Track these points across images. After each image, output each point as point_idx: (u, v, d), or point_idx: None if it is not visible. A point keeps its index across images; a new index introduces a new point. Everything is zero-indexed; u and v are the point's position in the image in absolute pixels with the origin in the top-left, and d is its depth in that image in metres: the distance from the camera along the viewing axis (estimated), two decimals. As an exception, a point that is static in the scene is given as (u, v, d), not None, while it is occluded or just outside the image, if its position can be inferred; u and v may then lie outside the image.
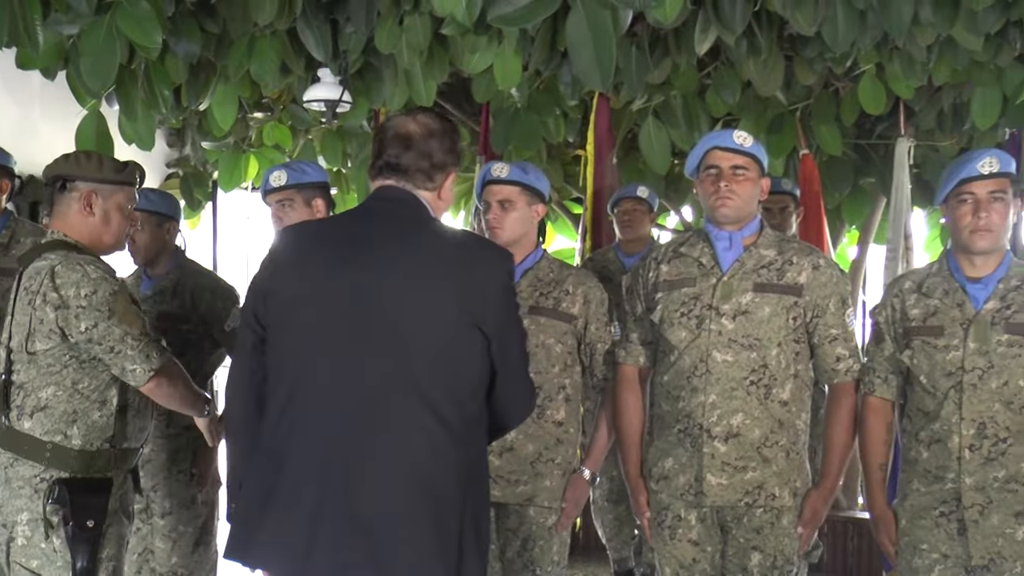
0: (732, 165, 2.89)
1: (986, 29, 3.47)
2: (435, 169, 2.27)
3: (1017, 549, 2.71)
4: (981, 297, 2.78)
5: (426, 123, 2.28)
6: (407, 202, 2.25)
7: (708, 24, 3.46)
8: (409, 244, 2.20)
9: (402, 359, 2.12)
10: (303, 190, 3.28)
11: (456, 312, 2.14)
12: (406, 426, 2.12)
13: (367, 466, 2.11)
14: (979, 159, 2.74)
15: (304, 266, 2.22)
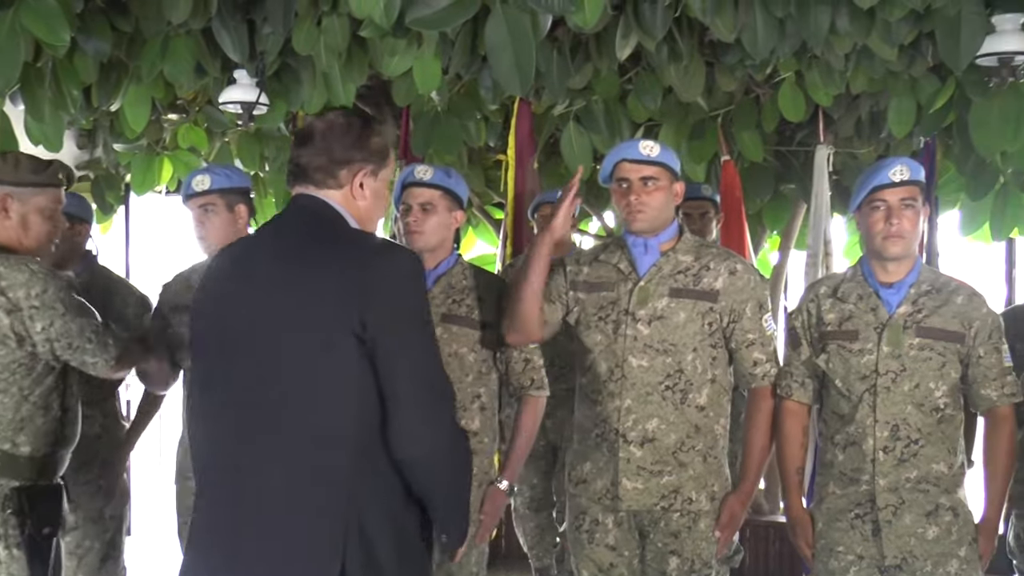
0: (641, 176, 2.94)
1: (900, 40, 3.57)
2: (336, 165, 2.20)
3: (928, 548, 2.81)
4: (894, 302, 2.87)
5: (331, 119, 2.24)
6: (309, 208, 2.20)
7: (629, 30, 3.52)
8: (297, 257, 2.12)
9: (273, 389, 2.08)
10: (226, 195, 3.26)
11: (324, 321, 2.05)
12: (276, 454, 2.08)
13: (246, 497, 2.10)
14: (890, 167, 2.83)
15: (214, 284, 2.24)
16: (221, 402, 2.15)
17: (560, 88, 3.87)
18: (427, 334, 2.17)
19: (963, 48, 3.40)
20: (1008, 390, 2.89)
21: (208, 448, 2.19)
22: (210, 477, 2.18)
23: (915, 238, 2.87)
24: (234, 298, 2.16)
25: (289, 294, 2.08)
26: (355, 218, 2.23)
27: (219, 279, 2.24)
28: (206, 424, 2.21)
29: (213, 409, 2.18)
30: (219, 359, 2.16)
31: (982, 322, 2.87)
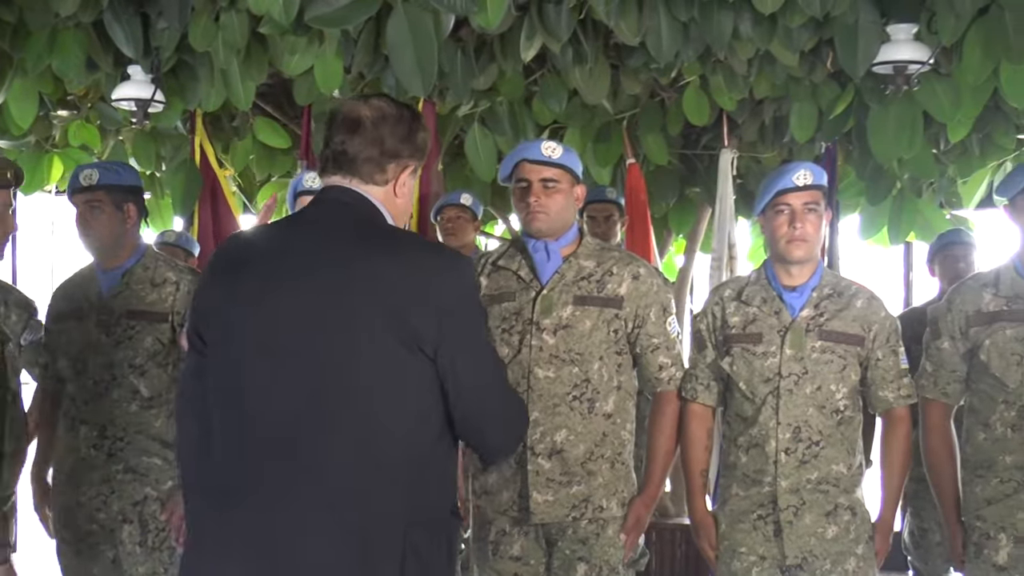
0: (542, 178, 2.94)
1: (801, 46, 3.66)
2: (386, 158, 2.06)
3: (827, 547, 2.87)
4: (796, 305, 2.93)
5: (379, 107, 2.08)
6: (351, 206, 2.07)
7: (533, 31, 3.53)
8: (341, 258, 2.01)
9: (320, 392, 1.97)
10: (114, 193, 3.14)
11: (384, 335, 1.96)
12: (326, 465, 1.97)
13: (290, 511, 1.97)
14: (794, 171, 2.88)
15: (234, 284, 2.06)
16: (258, 411, 2.00)
17: (464, 89, 3.87)
18: (487, 340, 2.18)
19: (860, 56, 3.50)
20: (904, 392, 2.97)
21: (236, 453, 2.01)
22: (234, 486, 2.01)
23: (818, 242, 2.93)
24: (278, 300, 2.00)
25: (351, 300, 1.97)
26: (391, 216, 2.12)
27: (247, 278, 2.05)
28: (232, 429, 2.03)
29: (244, 417, 2.01)
30: (256, 365, 2.00)
31: (880, 325, 2.94)
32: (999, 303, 2.98)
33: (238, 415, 2.02)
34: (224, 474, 2.03)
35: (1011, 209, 3.00)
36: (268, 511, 1.98)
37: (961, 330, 3.02)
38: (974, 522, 3.01)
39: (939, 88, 3.94)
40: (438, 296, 1.99)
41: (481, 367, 2.08)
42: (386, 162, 2.07)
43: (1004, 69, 3.62)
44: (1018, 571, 2.93)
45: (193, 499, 2.13)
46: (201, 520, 2.08)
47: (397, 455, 1.98)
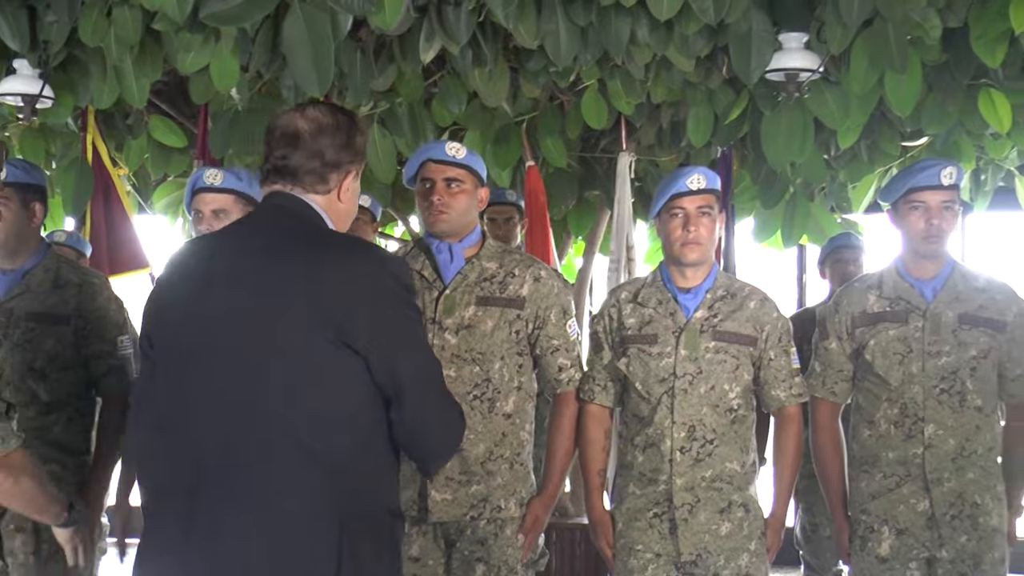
0: (446, 177, 2.96)
1: (696, 52, 3.73)
2: (328, 168, 2.08)
3: (721, 543, 2.94)
4: (691, 306, 2.99)
5: (316, 118, 2.10)
6: (290, 210, 2.09)
7: (432, 33, 3.54)
8: (274, 259, 2.03)
9: (253, 391, 1.98)
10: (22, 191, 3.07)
11: (312, 332, 1.97)
12: (261, 465, 1.97)
13: (229, 511, 1.97)
14: (688, 176, 2.94)
15: (177, 288, 2.10)
16: (198, 411, 2.01)
17: (363, 90, 3.85)
18: (423, 339, 2.16)
19: (754, 63, 3.58)
20: (796, 391, 3.06)
21: (180, 455, 2.01)
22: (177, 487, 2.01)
23: (711, 245, 3.00)
24: (214, 303, 2.02)
25: (280, 300, 1.98)
26: (332, 220, 2.13)
27: (189, 283, 2.08)
28: (176, 431, 2.03)
29: (186, 417, 2.02)
30: (196, 366, 2.02)
31: (772, 326, 3.02)
32: (883, 304, 3.09)
33: (181, 417, 2.02)
34: (170, 476, 2.03)
35: (893, 214, 3.12)
36: (209, 512, 1.98)
37: (847, 330, 3.13)
38: (859, 516, 3.12)
39: (829, 95, 4.06)
40: (369, 294, 2.00)
41: (418, 367, 2.07)
42: (328, 172, 2.09)
43: (889, 78, 3.74)
44: (899, 562, 3.04)
45: (147, 502, 2.11)
46: (152, 522, 2.07)
47: (331, 454, 1.98)
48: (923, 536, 3.03)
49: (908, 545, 3.04)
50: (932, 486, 3.02)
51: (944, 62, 3.92)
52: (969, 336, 3.03)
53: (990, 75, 4.01)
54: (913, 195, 3.02)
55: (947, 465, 3.02)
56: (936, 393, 3.02)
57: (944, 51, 3.82)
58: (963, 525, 3.02)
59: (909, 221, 3.05)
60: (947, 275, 3.09)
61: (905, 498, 3.04)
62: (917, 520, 3.03)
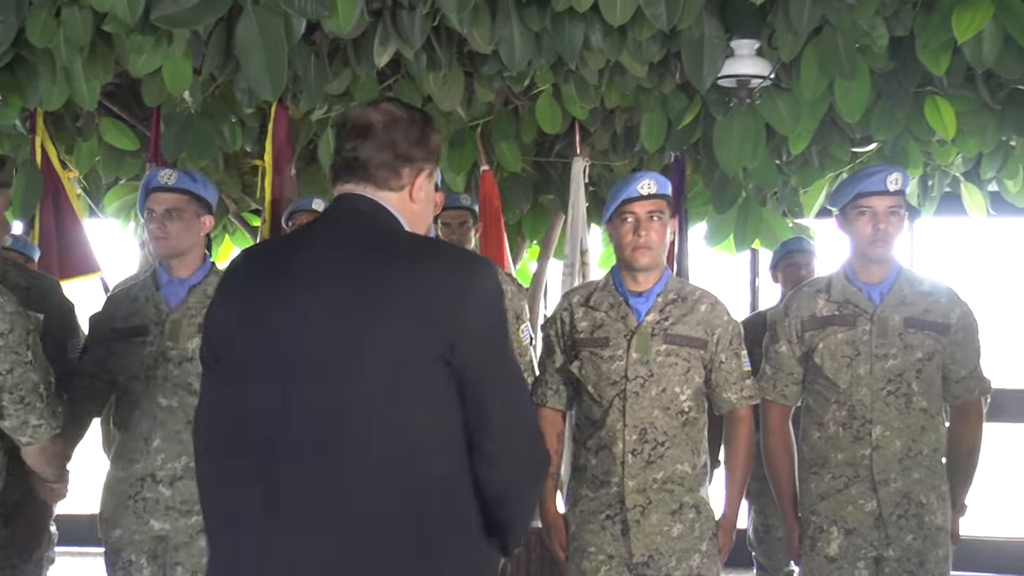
0: None
1: (649, 58, 3.77)
2: (400, 162, 1.99)
3: (672, 545, 2.97)
4: (643, 310, 3.02)
5: (390, 111, 2.02)
6: (366, 214, 1.99)
7: (387, 37, 3.54)
8: (357, 269, 1.91)
9: (338, 409, 1.87)
10: None
11: (407, 347, 1.86)
12: (344, 488, 1.87)
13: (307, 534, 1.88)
14: (638, 181, 2.97)
15: (246, 299, 1.98)
16: (278, 428, 1.89)
17: (317, 93, 3.85)
18: (512, 353, 2.04)
19: (706, 69, 3.62)
20: (747, 393, 3.09)
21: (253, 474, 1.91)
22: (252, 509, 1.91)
23: (662, 249, 3.03)
24: (293, 316, 1.90)
25: (366, 313, 1.87)
26: (408, 223, 2.03)
27: (261, 294, 1.96)
28: (247, 450, 1.93)
29: (264, 435, 1.91)
30: (273, 382, 1.90)
31: (723, 329, 3.06)
32: (831, 308, 3.14)
33: (248, 435, 1.93)
34: (244, 498, 1.93)
35: (841, 219, 3.17)
36: (287, 536, 1.88)
37: (797, 334, 3.17)
38: (809, 516, 3.17)
39: (780, 102, 4.12)
40: (462, 306, 1.90)
41: (504, 381, 1.97)
42: (400, 166, 2.01)
43: (838, 85, 3.81)
44: (847, 561, 3.09)
45: (214, 520, 2.03)
46: (221, 541, 2.00)
47: (416, 475, 1.88)
48: (871, 536, 3.08)
49: (856, 545, 3.08)
50: (879, 486, 3.07)
51: (891, 70, 4.00)
52: (915, 339, 3.09)
53: (935, 83, 4.09)
54: (860, 200, 3.07)
55: (894, 466, 3.07)
56: (883, 395, 3.07)
57: (891, 59, 3.90)
58: (909, 524, 3.07)
59: (857, 226, 3.10)
60: (893, 279, 3.14)
61: (853, 499, 3.09)
62: (865, 520, 3.08)
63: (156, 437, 3.07)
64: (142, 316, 3.12)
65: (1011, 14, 3.23)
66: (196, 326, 3.02)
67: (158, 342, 3.09)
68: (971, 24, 3.22)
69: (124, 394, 3.14)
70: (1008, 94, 4.35)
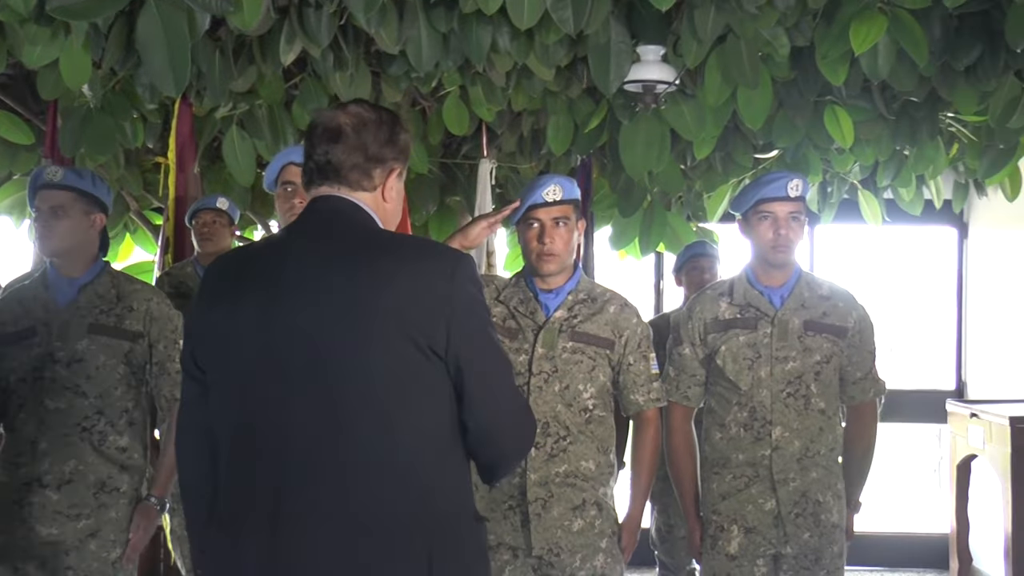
0: None
1: (557, 62, 3.79)
2: (372, 163, 2.04)
3: (573, 540, 2.99)
4: (552, 306, 3.04)
5: (358, 113, 2.06)
6: (345, 214, 2.03)
7: (293, 35, 3.50)
8: (343, 268, 1.96)
9: (335, 408, 1.91)
10: None
11: (399, 341, 1.91)
12: (345, 486, 1.92)
13: (310, 534, 1.91)
14: (544, 187, 2.98)
15: (228, 302, 2.00)
16: (273, 432, 1.93)
17: (222, 90, 3.78)
18: (496, 339, 2.08)
19: (612, 73, 3.65)
20: (654, 395, 3.13)
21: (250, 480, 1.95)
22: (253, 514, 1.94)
23: (568, 254, 3.05)
24: (283, 318, 1.94)
25: (358, 312, 1.91)
26: (382, 221, 2.08)
27: (247, 298, 1.99)
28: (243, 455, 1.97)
29: (259, 440, 1.95)
30: (265, 386, 1.94)
31: (632, 332, 3.09)
32: (733, 311, 3.20)
33: (249, 440, 1.96)
34: (239, 502, 1.96)
35: (743, 223, 3.23)
36: (292, 536, 1.91)
37: (700, 336, 3.22)
38: (710, 516, 3.22)
39: (685, 108, 4.18)
40: (447, 297, 1.96)
41: (493, 367, 2.04)
42: (372, 168, 2.05)
43: (741, 93, 3.88)
44: (747, 559, 3.16)
45: (208, 532, 2.03)
46: (218, 551, 2.00)
47: (416, 467, 1.94)
48: (770, 534, 3.14)
49: (756, 543, 3.15)
50: (778, 486, 3.13)
51: (793, 79, 4.09)
52: (813, 342, 3.17)
53: (834, 93, 4.20)
54: (762, 206, 3.14)
55: (792, 466, 3.14)
56: (783, 397, 3.14)
57: (793, 69, 3.99)
58: (806, 522, 3.15)
59: (758, 231, 3.16)
60: (794, 283, 3.22)
61: (753, 498, 3.15)
62: (764, 519, 3.15)
63: (43, 440, 2.98)
64: (31, 317, 3.03)
65: (904, 29, 3.33)
66: (86, 326, 2.96)
67: (46, 343, 3.00)
68: (867, 37, 3.31)
69: (11, 396, 3.04)
70: (902, 105, 4.49)
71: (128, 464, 3.02)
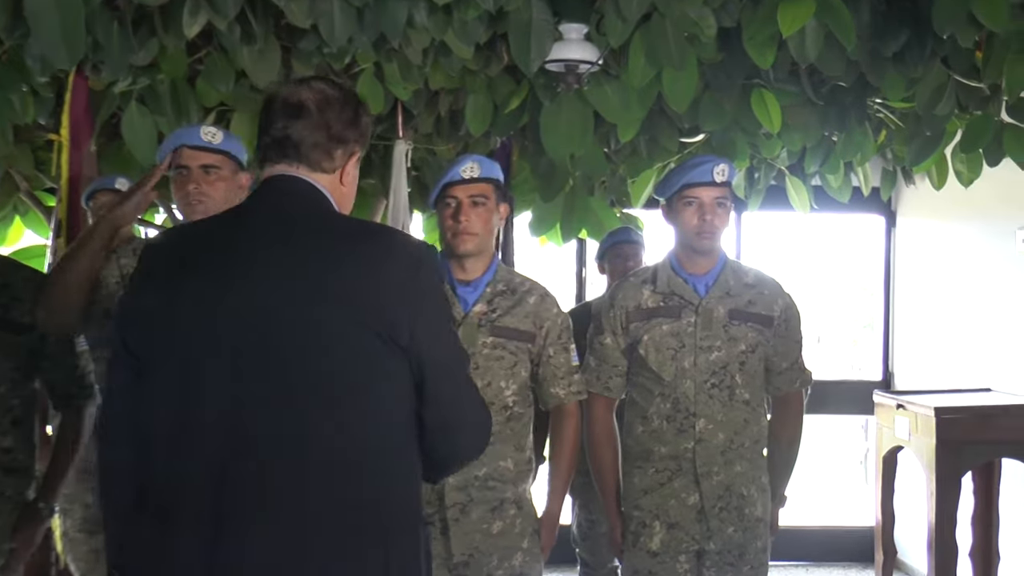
0: (202, 164, 2.92)
1: (476, 39, 3.78)
2: (333, 143, 2.03)
3: (493, 542, 3.01)
4: (470, 300, 3.04)
5: (322, 90, 2.04)
6: (300, 194, 2.01)
7: (198, 7, 3.44)
8: (297, 250, 1.94)
9: (287, 396, 1.89)
10: None
11: (357, 329, 1.91)
12: (303, 480, 1.89)
13: (266, 532, 1.88)
14: (462, 164, 2.99)
15: (172, 283, 1.96)
16: (216, 420, 1.90)
17: (121, 64, 3.70)
18: (455, 332, 2.12)
19: (533, 52, 3.66)
20: (575, 388, 3.15)
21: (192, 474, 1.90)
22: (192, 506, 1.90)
23: (487, 235, 3.06)
24: (233, 300, 1.91)
25: (316, 298, 1.90)
26: (337, 205, 2.07)
27: (191, 278, 1.95)
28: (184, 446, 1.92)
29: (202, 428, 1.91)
30: (209, 370, 1.91)
31: (552, 323, 3.11)
32: (657, 299, 3.24)
33: (190, 429, 1.92)
34: (175, 495, 1.91)
35: (667, 209, 3.27)
36: (236, 533, 1.88)
37: (622, 325, 3.26)
38: (632, 511, 3.26)
39: (608, 88, 4.20)
40: (412, 288, 1.96)
41: (455, 361, 2.06)
42: (333, 148, 2.04)
43: (666, 74, 3.91)
44: (669, 555, 3.20)
45: (133, 526, 1.98)
46: (146, 546, 1.94)
47: (370, 460, 1.94)
48: (693, 529, 3.19)
49: (678, 539, 3.20)
50: (702, 479, 3.19)
51: (720, 61, 4.14)
52: (738, 331, 3.22)
53: (762, 76, 4.26)
54: (687, 191, 3.18)
55: (716, 459, 3.20)
56: (707, 388, 3.19)
57: (720, 50, 4.03)
58: (730, 517, 3.20)
59: (683, 217, 3.20)
60: (719, 271, 3.26)
61: (676, 492, 3.20)
62: (687, 514, 3.19)
63: None
64: None
65: (832, 12, 3.39)
66: None
67: None
68: (795, 19, 3.36)
69: None
70: (830, 90, 4.58)
71: (13, 467, 2.94)
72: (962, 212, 5.89)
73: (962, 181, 5.01)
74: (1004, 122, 4.35)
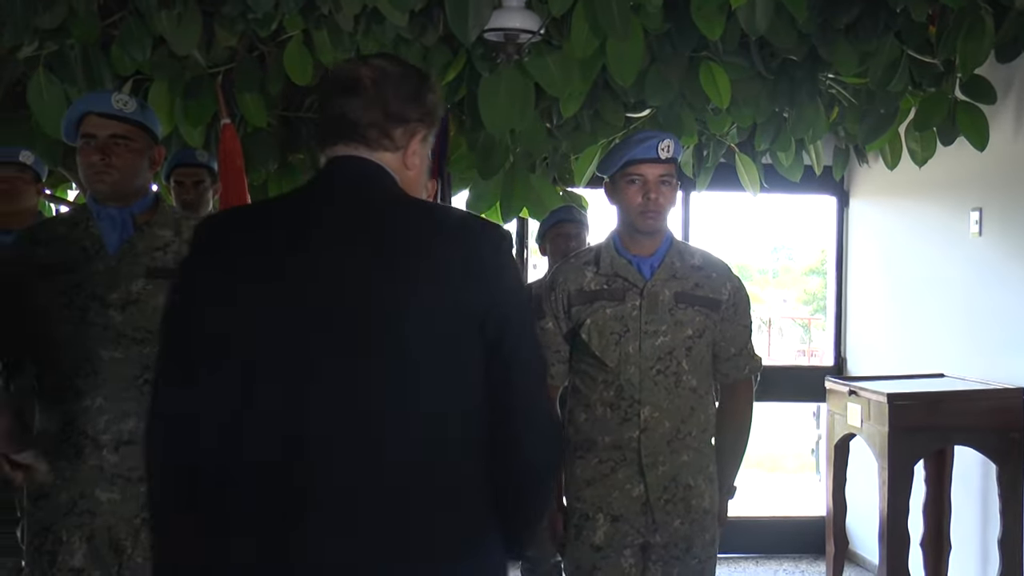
0: (112, 134, 2.89)
1: (410, 6, 3.76)
2: (392, 122, 2.00)
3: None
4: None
5: (380, 66, 2.01)
6: (368, 176, 1.99)
7: (110, -34, 3.39)
8: (383, 237, 1.93)
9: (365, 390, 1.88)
10: None
11: (449, 311, 1.90)
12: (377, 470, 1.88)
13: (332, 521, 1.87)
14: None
15: (248, 274, 1.93)
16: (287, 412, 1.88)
17: (25, 27, 3.63)
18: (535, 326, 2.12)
19: (471, 20, 3.63)
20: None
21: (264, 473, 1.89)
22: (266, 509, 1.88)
23: None
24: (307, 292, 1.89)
25: (400, 287, 1.89)
26: (406, 187, 2.04)
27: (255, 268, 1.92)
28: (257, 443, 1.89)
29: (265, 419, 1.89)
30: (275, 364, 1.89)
31: None
32: (600, 281, 3.25)
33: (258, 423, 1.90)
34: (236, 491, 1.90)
35: (610, 187, 3.28)
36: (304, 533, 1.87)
37: (564, 309, 3.26)
38: (574, 504, 3.27)
39: (550, 60, 4.20)
40: (497, 273, 1.96)
41: (536, 365, 2.05)
42: (392, 127, 2.01)
43: (611, 46, 3.92)
44: (613, 549, 3.22)
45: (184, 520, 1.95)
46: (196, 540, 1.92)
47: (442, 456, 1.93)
48: (637, 522, 3.21)
49: (623, 532, 3.21)
50: (647, 470, 3.20)
51: (666, 32, 4.15)
52: (685, 315, 3.24)
53: (711, 49, 4.28)
54: (630, 168, 3.19)
55: (662, 448, 3.21)
56: (652, 374, 3.21)
57: (666, 21, 4.05)
58: (676, 509, 3.23)
59: (626, 195, 3.21)
60: (664, 252, 3.28)
61: (620, 483, 3.21)
62: (632, 506, 3.21)
63: None
64: None
65: (783, -20, 3.43)
66: None
67: None
68: (745, -12, 3.39)
69: None
70: (781, 64, 4.62)
71: None
72: (916, 193, 5.98)
73: (916, 160, 5.09)
74: (958, 100, 4.41)
